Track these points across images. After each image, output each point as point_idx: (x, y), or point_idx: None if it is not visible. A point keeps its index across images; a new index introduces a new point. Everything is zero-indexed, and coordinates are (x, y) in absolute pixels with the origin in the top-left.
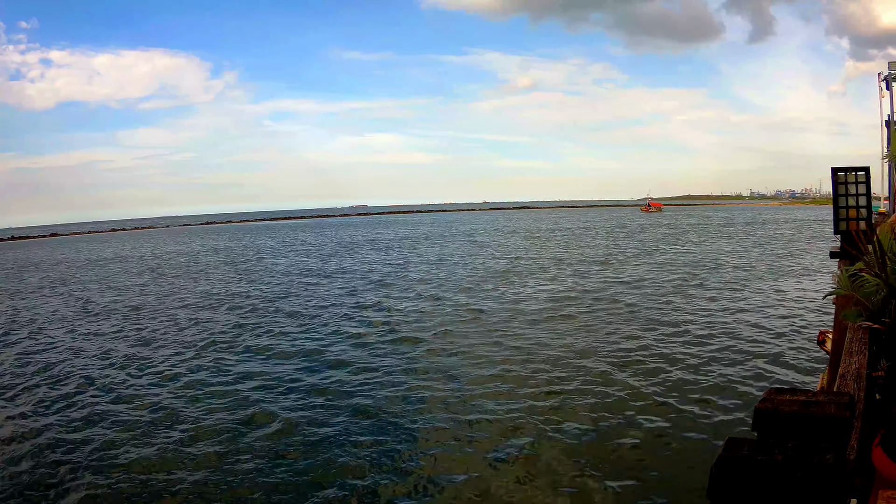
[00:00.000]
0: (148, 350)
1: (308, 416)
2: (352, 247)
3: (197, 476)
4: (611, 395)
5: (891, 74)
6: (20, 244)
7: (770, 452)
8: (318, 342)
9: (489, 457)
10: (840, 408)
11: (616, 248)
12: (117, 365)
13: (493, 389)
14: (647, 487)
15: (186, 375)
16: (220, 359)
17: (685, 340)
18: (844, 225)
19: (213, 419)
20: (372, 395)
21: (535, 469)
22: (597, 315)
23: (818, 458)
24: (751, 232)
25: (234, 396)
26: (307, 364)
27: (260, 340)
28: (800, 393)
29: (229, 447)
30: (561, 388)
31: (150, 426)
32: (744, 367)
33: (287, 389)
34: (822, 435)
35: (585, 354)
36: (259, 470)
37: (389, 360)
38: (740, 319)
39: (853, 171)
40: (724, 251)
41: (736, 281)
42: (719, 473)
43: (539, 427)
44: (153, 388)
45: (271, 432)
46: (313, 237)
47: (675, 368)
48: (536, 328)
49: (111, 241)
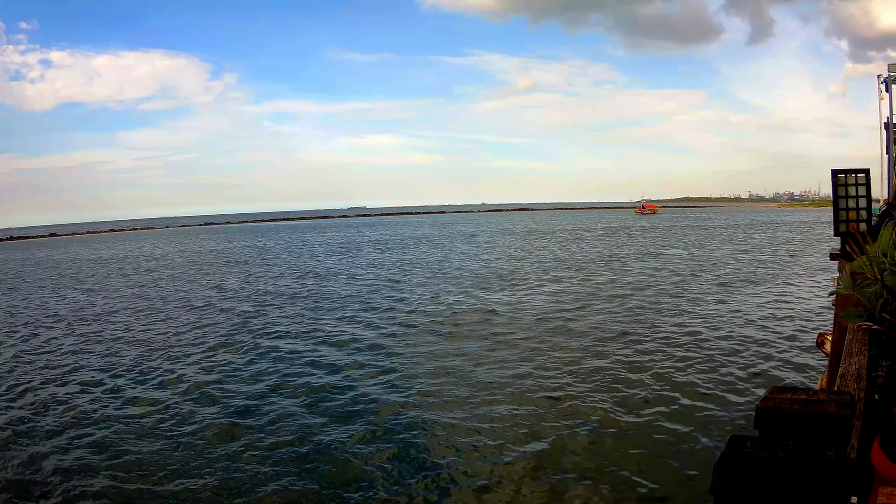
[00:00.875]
0: (154, 349)
1: (313, 415)
2: (352, 248)
3: (201, 477)
4: (614, 395)
5: (890, 76)
6: (19, 244)
7: (772, 450)
8: (321, 342)
9: (494, 457)
10: (841, 406)
11: (616, 250)
12: (123, 365)
13: (499, 389)
14: (653, 483)
15: (190, 376)
16: (225, 359)
17: (686, 341)
18: (844, 226)
19: (216, 417)
20: (383, 394)
21: (540, 466)
22: (596, 317)
23: (819, 455)
24: (751, 234)
25: (235, 396)
26: (314, 365)
27: (266, 341)
28: (801, 392)
29: (231, 447)
30: (565, 389)
31: (155, 426)
32: (744, 368)
33: (292, 389)
34: (822, 433)
35: (587, 355)
36: (264, 469)
37: (398, 360)
38: (740, 322)
39: (853, 174)
40: (724, 253)
41: (735, 283)
42: (722, 470)
43: (543, 426)
44: (159, 390)
45: (275, 430)
46: (316, 236)
47: (677, 369)
48: (537, 331)
49: (110, 241)
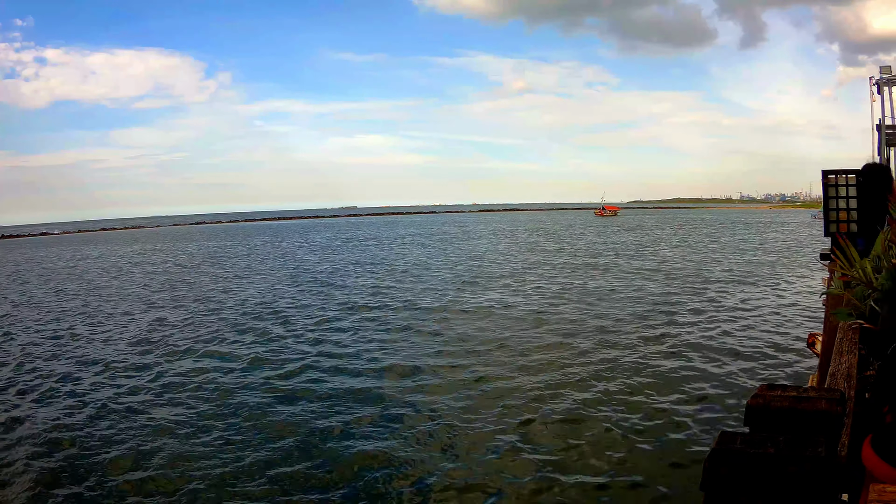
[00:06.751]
0: (158, 348)
1: (316, 414)
2: (343, 249)
3: (205, 478)
4: (608, 394)
5: (882, 79)
6: (11, 243)
7: (762, 446)
8: (324, 342)
9: (484, 455)
10: (831, 403)
11: (603, 248)
12: (127, 364)
13: (498, 386)
14: (644, 480)
15: (195, 376)
16: (228, 361)
17: (674, 340)
18: (835, 227)
19: (221, 418)
20: (385, 393)
21: (534, 464)
22: (587, 316)
23: (810, 451)
24: (737, 233)
25: (237, 396)
26: (315, 365)
27: (267, 342)
28: (791, 389)
29: (235, 445)
30: (557, 387)
31: (161, 426)
32: (734, 367)
33: (292, 389)
34: (812, 430)
35: (577, 355)
36: (270, 469)
37: (398, 357)
38: (730, 321)
39: (843, 174)
40: (712, 254)
41: (723, 282)
42: (712, 466)
43: (540, 425)
44: (169, 387)
45: (280, 425)
46: (315, 235)
47: (664, 367)
48: (532, 331)
49: (98, 240)
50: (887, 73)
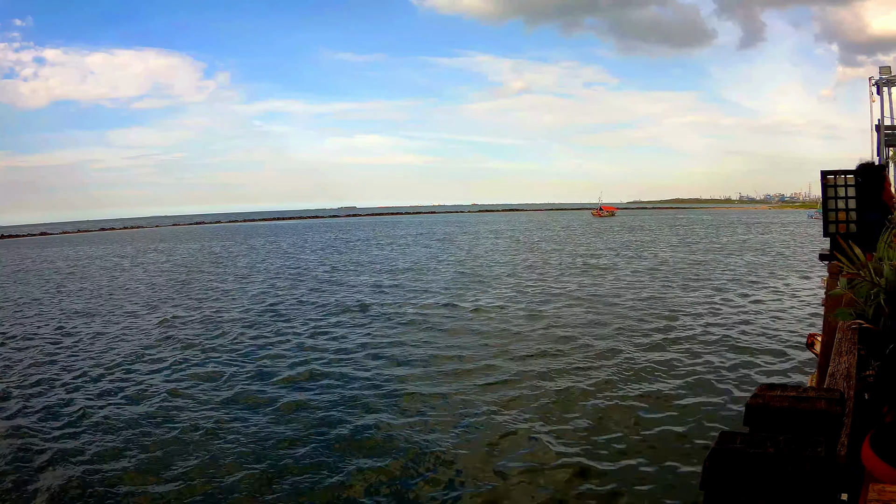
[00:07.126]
0: (161, 346)
1: (321, 418)
2: (340, 250)
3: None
4: (607, 394)
5: (881, 79)
6: (10, 243)
7: (762, 445)
8: (324, 342)
9: (484, 453)
10: (830, 403)
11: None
12: (128, 364)
13: (497, 384)
14: (644, 480)
15: (197, 374)
16: (231, 363)
17: (675, 341)
18: (834, 227)
19: (224, 415)
20: (386, 392)
21: (533, 463)
22: (587, 316)
23: (810, 451)
24: (737, 233)
25: (239, 396)
26: (315, 364)
27: (266, 342)
28: (790, 389)
29: (237, 446)
30: (557, 386)
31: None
32: (733, 368)
33: (294, 390)
34: (812, 430)
35: (576, 355)
36: (270, 469)
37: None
38: (728, 321)
39: (843, 174)
40: (711, 255)
41: (723, 283)
42: (712, 466)
43: (538, 424)
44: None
45: (278, 425)
46: (315, 235)
47: (666, 367)
48: (532, 330)
49: (98, 240)
50: (886, 73)
